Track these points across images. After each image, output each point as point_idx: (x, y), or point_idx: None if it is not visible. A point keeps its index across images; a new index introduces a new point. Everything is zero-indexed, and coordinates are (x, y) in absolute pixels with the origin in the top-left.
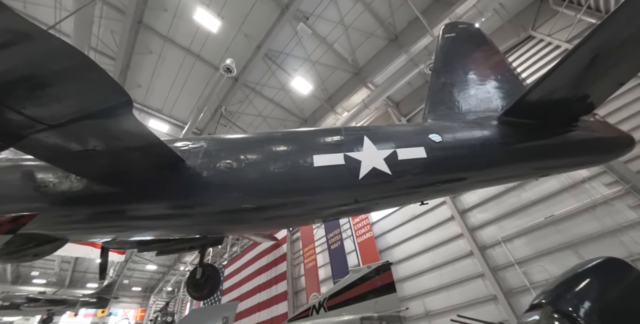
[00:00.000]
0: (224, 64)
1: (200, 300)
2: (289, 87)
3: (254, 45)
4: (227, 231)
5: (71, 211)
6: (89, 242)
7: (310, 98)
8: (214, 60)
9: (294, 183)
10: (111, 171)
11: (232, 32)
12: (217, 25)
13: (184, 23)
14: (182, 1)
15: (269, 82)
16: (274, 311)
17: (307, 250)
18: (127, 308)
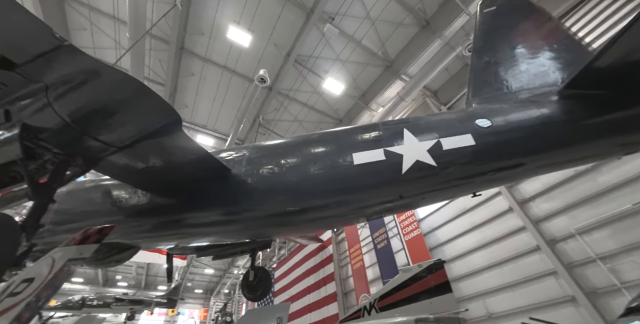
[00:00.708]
0: (258, 75)
1: (254, 301)
2: (321, 90)
3: (284, 53)
4: (274, 234)
5: (140, 221)
6: (156, 249)
7: (344, 98)
8: (248, 73)
9: (335, 183)
10: (169, 184)
11: (262, 43)
12: (249, 40)
13: (219, 42)
14: (216, 22)
15: (302, 86)
16: (325, 312)
17: (354, 251)
18: (192, 308)
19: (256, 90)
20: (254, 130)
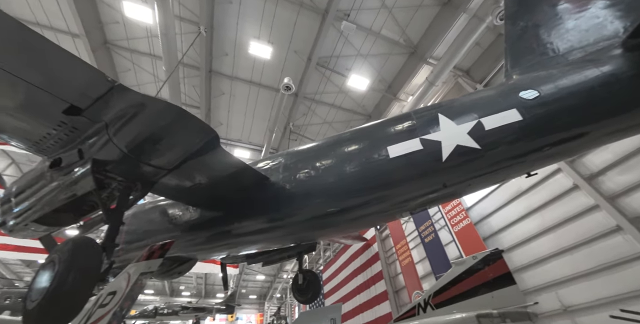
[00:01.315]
0: (283, 83)
1: (306, 304)
2: (346, 88)
3: (305, 58)
4: (317, 236)
5: (194, 235)
6: (210, 260)
7: (370, 92)
8: (273, 84)
9: (373, 179)
10: (214, 198)
11: (283, 53)
12: (269, 52)
13: (243, 59)
14: (238, 41)
15: (326, 88)
16: (377, 312)
17: (400, 247)
18: (248, 313)
19: (283, 98)
20: (285, 137)
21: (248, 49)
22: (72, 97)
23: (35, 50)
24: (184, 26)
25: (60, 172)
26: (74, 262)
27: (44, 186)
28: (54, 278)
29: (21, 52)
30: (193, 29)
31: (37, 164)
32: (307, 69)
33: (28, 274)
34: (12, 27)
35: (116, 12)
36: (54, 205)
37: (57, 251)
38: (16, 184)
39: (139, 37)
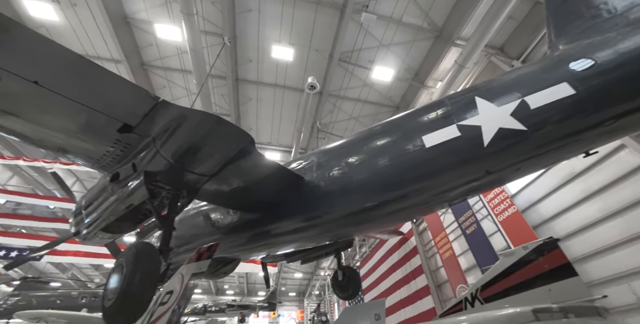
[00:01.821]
0: (307, 83)
1: (347, 300)
2: (370, 81)
3: (326, 55)
4: (354, 232)
5: (235, 237)
6: (251, 260)
7: (396, 83)
8: (297, 85)
9: (409, 171)
10: (252, 200)
11: (304, 53)
12: (291, 53)
13: (267, 64)
14: (260, 47)
15: (350, 83)
16: (420, 307)
17: (439, 240)
18: (289, 310)
19: (308, 98)
20: (313, 137)
21: (271, 54)
22: (124, 116)
23: (93, 77)
24: (209, 39)
25: (119, 185)
26: (139, 265)
27: (107, 199)
28: (123, 280)
29: (82, 80)
30: (217, 40)
31: (99, 180)
32: (329, 66)
33: (97, 276)
34: (73, 59)
35: (149, 35)
36: (117, 215)
37: (123, 256)
38: (84, 199)
39: (170, 55)
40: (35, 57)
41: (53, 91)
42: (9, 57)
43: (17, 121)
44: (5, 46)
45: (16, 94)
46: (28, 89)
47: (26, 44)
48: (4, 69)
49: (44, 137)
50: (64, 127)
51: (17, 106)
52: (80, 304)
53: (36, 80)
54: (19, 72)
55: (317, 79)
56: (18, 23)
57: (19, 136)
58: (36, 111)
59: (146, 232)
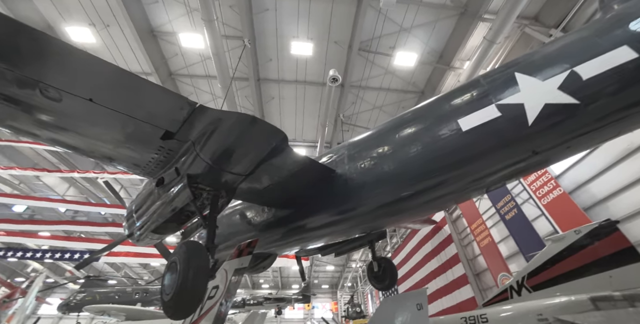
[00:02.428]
0: (329, 76)
1: (384, 290)
2: (392, 68)
3: (346, 46)
4: (389, 223)
5: (270, 233)
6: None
7: (419, 67)
8: (318, 79)
9: (446, 157)
10: (287, 196)
11: (323, 46)
12: (310, 48)
13: (287, 61)
14: (279, 45)
15: (372, 72)
16: (457, 297)
17: (476, 227)
18: (323, 302)
19: (330, 91)
20: (338, 130)
21: (290, 50)
22: (166, 123)
23: (137, 89)
24: (230, 43)
25: (164, 189)
26: (190, 262)
27: (154, 202)
28: (178, 276)
29: (128, 93)
30: (238, 43)
31: (145, 185)
32: (349, 57)
33: (145, 274)
34: (120, 75)
35: (174, 45)
36: (164, 217)
37: (175, 254)
38: (134, 203)
39: (195, 63)
40: (89, 76)
41: (105, 106)
42: (68, 79)
43: (72, 135)
44: (64, 69)
45: (74, 112)
46: (84, 106)
47: (81, 64)
48: (64, 91)
49: (95, 148)
50: (113, 139)
51: (73, 123)
52: (134, 299)
53: (91, 97)
54: (76, 92)
55: (337, 71)
56: (73, 47)
57: (73, 149)
58: (89, 126)
59: (190, 233)
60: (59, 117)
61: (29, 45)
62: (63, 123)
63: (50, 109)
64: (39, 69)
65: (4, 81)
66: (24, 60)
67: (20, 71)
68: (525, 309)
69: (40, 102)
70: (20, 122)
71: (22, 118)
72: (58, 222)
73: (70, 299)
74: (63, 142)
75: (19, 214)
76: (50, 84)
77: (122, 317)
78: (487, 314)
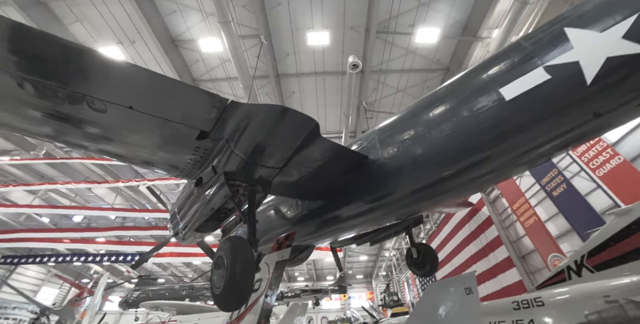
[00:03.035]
0: (349, 63)
1: (425, 276)
2: (414, 47)
3: (362, 31)
4: (426, 207)
5: (306, 225)
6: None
7: (443, 42)
8: (337, 68)
9: (488, 131)
10: (320, 187)
11: (340, 33)
12: (327, 36)
13: (304, 53)
14: (295, 38)
15: (392, 54)
16: (502, 281)
17: (518, 207)
18: (358, 292)
19: (351, 78)
20: (361, 118)
21: (307, 42)
22: (200, 123)
23: (172, 92)
24: (246, 42)
25: (203, 189)
26: (237, 256)
27: (194, 202)
28: (226, 270)
29: (164, 97)
30: (254, 42)
31: (184, 187)
32: (367, 42)
33: (189, 272)
34: (155, 79)
35: (195, 52)
36: (206, 215)
37: (221, 250)
38: (176, 205)
39: (215, 67)
40: (127, 84)
41: (143, 112)
42: (110, 89)
43: (116, 144)
44: (106, 80)
45: (117, 121)
46: (125, 114)
47: (119, 73)
48: (108, 101)
49: (136, 154)
50: (152, 143)
51: (117, 131)
52: (182, 295)
53: (130, 105)
54: (118, 101)
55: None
56: (113, 58)
57: (117, 157)
58: (130, 133)
59: (229, 230)
60: (104, 127)
61: (76, 61)
62: (108, 133)
63: (96, 120)
64: (85, 83)
65: (57, 98)
66: (73, 76)
67: (71, 87)
68: (588, 291)
69: (88, 114)
70: (72, 136)
71: (73, 132)
72: (110, 229)
73: (128, 297)
74: (108, 151)
75: (78, 224)
76: (95, 96)
77: (173, 311)
78: (543, 297)
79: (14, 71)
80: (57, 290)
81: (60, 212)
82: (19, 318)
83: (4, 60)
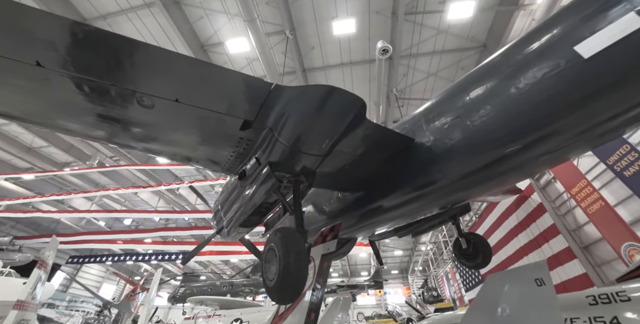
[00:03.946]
0: (378, 48)
1: (477, 268)
2: (445, 25)
3: (389, 14)
4: (479, 193)
5: (347, 217)
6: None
7: (478, 16)
8: (364, 56)
9: (562, 98)
10: (363, 176)
11: (365, 19)
12: (353, 24)
13: (330, 45)
14: (320, 30)
15: (422, 36)
16: (562, 274)
17: (578, 191)
18: (394, 287)
19: (381, 65)
20: (392, 107)
21: (332, 32)
22: (244, 112)
23: (213, 79)
24: (272, 39)
25: (248, 182)
26: (289, 247)
27: (238, 197)
28: (279, 262)
29: (208, 85)
30: (279, 38)
31: (227, 183)
32: (395, 26)
33: (227, 269)
34: (198, 65)
35: (223, 55)
36: (251, 209)
37: (271, 241)
38: (218, 202)
39: (242, 67)
40: (173, 75)
41: (189, 104)
42: (157, 82)
43: (161, 141)
44: (154, 73)
45: (164, 116)
46: (171, 108)
47: (165, 64)
48: (156, 96)
49: (179, 150)
50: (195, 138)
51: (163, 128)
52: (223, 291)
53: (177, 98)
54: (165, 95)
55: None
56: (158, 47)
57: (157, 153)
58: (172, 128)
59: (272, 224)
60: (151, 125)
61: (127, 55)
62: (154, 130)
63: (144, 117)
64: (135, 78)
65: (109, 97)
66: (125, 72)
67: (122, 84)
68: None
69: (136, 111)
70: (121, 137)
71: (123, 132)
72: (155, 230)
73: (175, 292)
74: (153, 149)
75: (128, 226)
76: (144, 92)
77: (216, 306)
78: (628, 292)
79: (72, 72)
80: (114, 286)
81: (113, 216)
82: (86, 310)
83: (62, 62)
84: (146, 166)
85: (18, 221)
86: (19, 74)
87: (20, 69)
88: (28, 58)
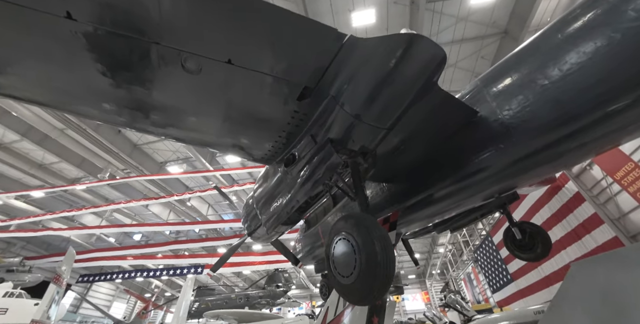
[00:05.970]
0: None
1: (535, 261)
2: (465, 12)
3: (407, 3)
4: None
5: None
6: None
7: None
8: None
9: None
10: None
11: (383, 9)
12: (372, 14)
13: None
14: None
15: (441, 25)
16: None
17: (624, 175)
18: (412, 293)
19: None
20: None
21: (351, 24)
22: (306, 75)
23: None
24: None
25: (298, 167)
26: (371, 233)
27: (283, 188)
28: (359, 252)
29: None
30: None
31: (265, 175)
32: (414, 15)
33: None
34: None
35: None
36: (303, 198)
37: (341, 230)
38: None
39: None
40: (226, 25)
41: (242, 66)
42: (207, 36)
43: (200, 121)
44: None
45: (211, 83)
46: (222, 73)
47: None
48: (204, 56)
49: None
50: (241, 115)
51: (202, 103)
52: (239, 303)
53: (229, 58)
54: (214, 55)
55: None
56: None
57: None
58: (216, 103)
59: (314, 221)
60: (191, 98)
61: (173, 3)
62: (193, 106)
63: (187, 86)
64: (181, 33)
65: (148, 61)
66: (169, 23)
67: (165, 41)
68: None
69: (179, 79)
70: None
71: (155, 111)
72: (166, 244)
73: (190, 308)
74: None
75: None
76: (190, 51)
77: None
78: None
79: (107, 27)
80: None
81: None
82: None
83: (97, 13)
84: (156, 177)
85: (29, 241)
86: (45, 31)
87: (47, 24)
88: (57, 8)
